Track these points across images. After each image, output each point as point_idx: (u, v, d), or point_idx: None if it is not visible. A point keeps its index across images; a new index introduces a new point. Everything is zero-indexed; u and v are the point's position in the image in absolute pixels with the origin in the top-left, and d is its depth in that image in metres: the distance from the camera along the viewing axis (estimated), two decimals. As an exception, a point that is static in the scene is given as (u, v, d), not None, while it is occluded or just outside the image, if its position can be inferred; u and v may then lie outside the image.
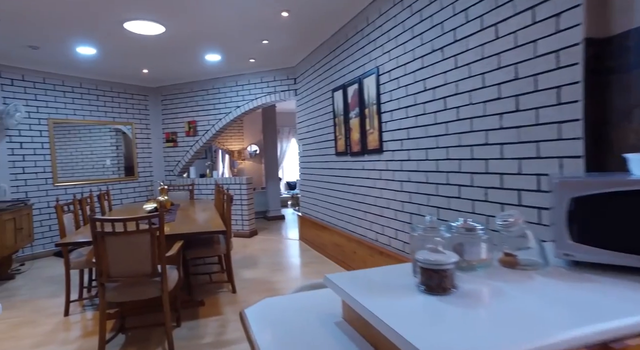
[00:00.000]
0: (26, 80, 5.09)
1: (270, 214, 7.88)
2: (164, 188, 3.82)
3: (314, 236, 5.15)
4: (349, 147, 3.95)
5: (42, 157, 5.20)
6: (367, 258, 3.65)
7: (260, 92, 5.91)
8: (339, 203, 4.32)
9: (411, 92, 2.86)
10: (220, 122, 6.22)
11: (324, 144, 4.68)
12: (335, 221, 4.48)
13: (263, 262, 4.60)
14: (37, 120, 5.17)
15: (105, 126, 6.07)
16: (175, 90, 6.54)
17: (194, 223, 3.27)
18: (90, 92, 5.76)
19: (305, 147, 5.42)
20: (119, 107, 6.14)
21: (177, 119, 6.56)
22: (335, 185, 4.39)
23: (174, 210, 4.07)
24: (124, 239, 2.35)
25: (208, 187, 6.30)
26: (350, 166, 3.99)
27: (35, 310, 3.29)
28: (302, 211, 5.70)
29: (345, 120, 4.01)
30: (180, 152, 6.55)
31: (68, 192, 5.43)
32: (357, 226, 3.92)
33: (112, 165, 6.26)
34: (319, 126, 4.83)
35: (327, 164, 4.59)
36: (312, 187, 5.19)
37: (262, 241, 5.82)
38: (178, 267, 2.77)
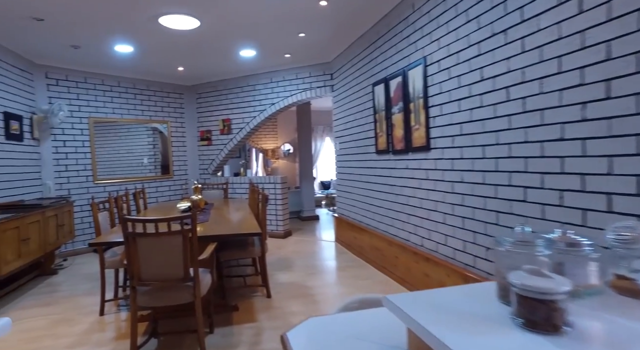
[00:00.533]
0: (69, 80, 5.19)
1: (304, 214, 7.72)
2: (198, 187, 3.73)
3: (351, 238, 4.92)
4: (391, 145, 3.68)
5: (83, 155, 5.29)
6: (411, 264, 3.38)
7: (295, 89, 5.75)
8: (379, 204, 4.07)
9: (465, 82, 2.57)
10: (255, 120, 6.11)
11: (363, 141, 4.44)
12: (374, 223, 4.23)
13: (298, 264, 4.43)
14: (78, 119, 5.26)
15: (143, 125, 6.12)
16: (210, 88, 6.50)
17: (228, 224, 3.13)
18: (128, 90, 5.82)
19: (342, 145, 5.20)
20: (155, 105, 6.18)
21: (211, 117, 6.53)
22: (375, 185, 4.14)
23: (207, 209, 3.97)
24: (155, 240, 2.22)
25: (242, 186, 6.21)
26: (392, 165, 3.73)
27: (73, 307, 3.28)
28: (339, 212, 5.49)
29: (387, 116, 3.76)
30: (215, 150, 6.51)
31: (107, 189, 5.50)
32: (399, 230, 3.65)
33: (149, 163, 6.32)
34: (357, 123, 4.59)
35: (367, 162, 4.34)
36: (350, 187, 4.96)
37: (297, 242, 5.65)
38: (211, 270, 2.63)
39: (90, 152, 5.38)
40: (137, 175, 6.01)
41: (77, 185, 5.22)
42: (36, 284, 3.98)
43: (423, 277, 3.19)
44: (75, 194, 5.18)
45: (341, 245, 5.31)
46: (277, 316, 2.95)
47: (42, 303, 3.42)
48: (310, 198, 7.77)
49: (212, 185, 5.62)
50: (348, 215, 5.08)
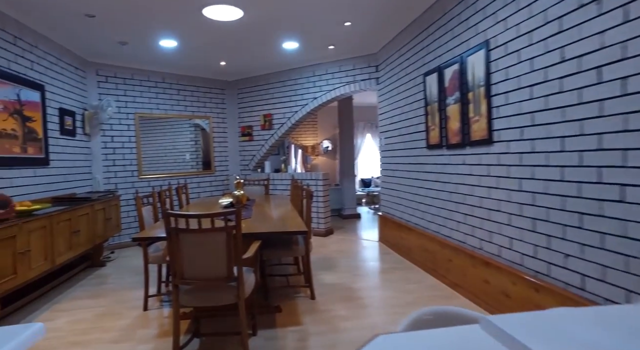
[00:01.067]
0: (117, 77, 5.30)
1: (345, 212, 7.52)
2: (240, 182, 3.63)
3: (397, 238, 4.66)
4: (445, 139, 3.39)
5: (129, 151, 5.40)
6: (467, 269, 3.09)
7: (338, 82, 5.55)
8: (430, 203, 3.78)
9: (540, 65, 2.25)
10: (296, 115, 5.98)
11: (412, 136, 4.16)
12: (424, 223, 3.95)
13: (342, 264, 4.24)
14: (125, 115, 5.37)
15: (185, 121, 6.18)
16: (252, 83, 6.45)
17: (272, 221, 2.99)
18: (172, 86, 5.88)
19: (387, 140, 4.94)
20: (198, 101, 6.21)
21: (253, 112, 6.48)
22: (426, 182, 3.86)
23: (249, 205, 3.87)
24: (198, 237, 2.11)
25: (283, 182, 6.11)
26: (445, 160, 3.44)
27: (119, 301, 3.28)
28: (383, 211, 5.24)
29: (440, 108, 3.47)
30: (256, 146, 6.45)
31: (151, 184, 5.58)
32: (453, 231, 3.36)
33: (191, 159, 6.38)
34: (405, 116, 4.31)
35: (416, 158, 4.06)
36: (396, 185, 4.70)
37: (339, 241, 5.47)
38: (255, 270, 2.50)
39: (136, 147, 5.47)
40: (180, 170, 6.08)
41: (123, 180, 5.33)
42: (86, 275, 4.07)
43: (482, 283, 2.89)
44: (122, 188, 5.29)
45: (386, 245, 5.06)
46: (323, 320, 2.78)
47: (91, 294, 3.47)
48: (351, 196, 7.56)
49: (253, 182, 5.55)
50: (394, 214, 4.82)
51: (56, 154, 4.13)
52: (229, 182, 6.56)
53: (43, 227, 3.07)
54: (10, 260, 2.68)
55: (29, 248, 2.85)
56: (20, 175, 3.51)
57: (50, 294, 3.50)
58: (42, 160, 3.83)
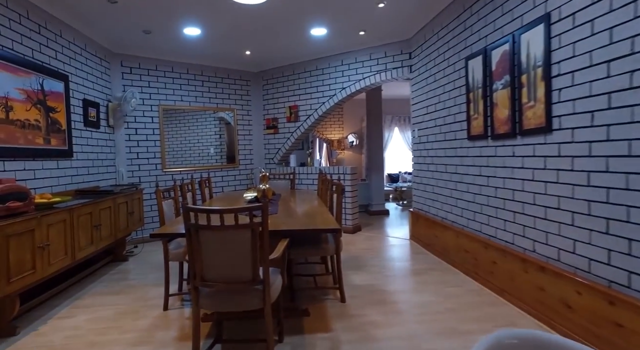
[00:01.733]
0: (142, 68, 5.19)
1: (372, 208, 7.22)
2: (265, 175, 3.42)
3: (431, 237, 4.34)
4: (491, 128, 3.05)
5: (152, 143, 5.30)
6: (516, 273, 2.75)
7: (368, 71, 5.25)
8: (470, 199, 3.45)
9: (621, 36, 1.90)
10: (323, 106, 5.72)
11: (450, 127, 3.83)
12: (463, 221, 3.62)
13: (372, 264, 3.97)
14: (149, 107, 5.26)
15: (210, 115, 6.05)
16: (277, 74, 6.23)
17: (300, 217, 2.76)
18: (196, 77, 5.73)
19: (421, 131, 4.61)
20: (222, 92, 6.04)
21: (278, 104, 6.26)
22: (466, 176, 3.52)
23: (275, 200, 3.66)
24: (220, 234, 1.90)
25: (309, 176, 5.88)
26: (490, 152, 3.10)
27: (139, 298, 3.14)
28: (415, 207, 4.92)
29: (484, 95, 3.12)
30: (281, 138, 6.24)
31: (175, 178, 5.47)
32: (499, 230, 3.02)
33: (215, 153, 6.25)
34: (443, 106, 3.97)
35: (455, 151, 3.73)
36: (430, 179, 4.37)
37: (368, 239, 5.19)
38: (282, 271, 2.27)
39: (160, 140, 5.37)
40: (204, 164, 5.95)
41: (147, 173, 5.23)
42: (108, 270, 3.98)
43: (535, 290, 2.56)
44: (145, 181, 5.20)
45: (418, 243, 4.74)
46: (355, 327, 2.52)
47: (112, 291, 3.35)
48: (379, 191, 7.25)
49: (279, 175, 5.34)
50: (427, 210, 4.49)
51: (80, 145, 4.04)
52: (253, 176, 6.39)
53: (63, 220, 2.95)
54: (29, 254, 2.56)
55: (48, 242, 2.73)
56: (43, 167, 3.42)
57: (72, 289, 3.40)
58: (66, 152, 3.74)
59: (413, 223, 4.97)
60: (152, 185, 5.25)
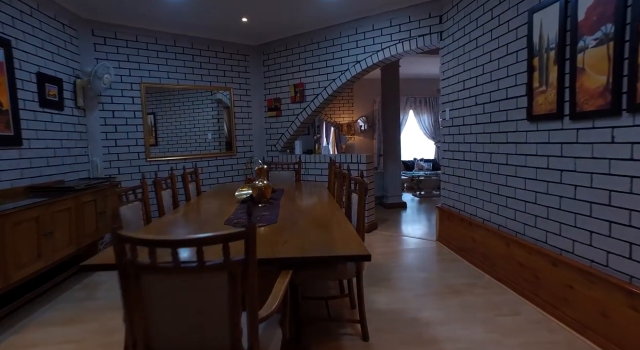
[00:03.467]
0: (118, 39, 4.36)
1: (388, 200, 6.42)
2: (262, 168, 2.63)
3: (466, 240, 3.55)
4: (571, 104, 2.21)
5: (134, 128, 4.51)
6: (611, 306, 1.96)
7: (388, 40, 4.37)
8: (529, 198, 2.64)
9: None
10: (334, 84, 4.87)
11: (499, 104, 2.99)
12: (516, 226, 2.81)
13: (396, 277, 3.20)
14: (128, 85, 4.45)
15: (207, 97, 5.26)
16: (280, 47, 5.37)
17: (309, 231, 1.97)
18: (185, 51, 4.90)
19: (454, 112, 3.76)
20: (216, 69, 5.21)
21: (281, 82, 5.42)
22: (522, 169, 2.70)
23: (276, 199, 2.88)
24: (176, 280, 1.12)
25: (316, 166, 5.08)
26: (567, 137, 2.27)
27: (97, 330, 2.40)
28: (444, 202, 4.12)
29: (560, 58, 2.27)
30: (285, 122, 5.43)
31: (161, 168, 4.70)
32: (581, 244, 2.22)
33: (213, 139, 5.48)
34: (489, 78, 3.12)
35: (505, 135, 2.90)
36: (467, 170, 3.55)
37: (386, 240, 4.42)
38: (283, 319, 1.50)
39: (143, 124, 4.57)
40: (201, 151, 5.20)
41: (128, 163, 4.46)
42: (72, 285, 3.24)
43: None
44: (126, 172, 4.44)
45: (447, 247, 3.96)
46: (389, 391, 1.77)
47: (65, 318, 2.60)
48: (395, 182, 6.44)
49: (281, 166, 4.55)
50: (461, 208, 3.69)
51: (34, 131, 3.26)
52: (252, 166, 5.60)
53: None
54: None
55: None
56: (-22, 158, 2.66)
57: (13, 316, 2.66)
58: (10, 139, 2.96)
59: (441, 222, 4.18)
60: (134, 177, 4.49)
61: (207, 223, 2.20)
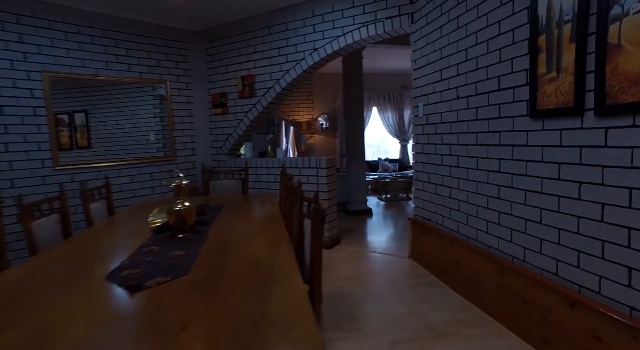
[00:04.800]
0: (4, 12, 3.39)
1: (352, 207, 5.80)
2: (182, 185, 1.87)
3: (447, 261, 2.97)
4: (597, 95, 1.63)
5: (35, 129, 3.56)
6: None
7: (350, 24, 3.72)
8: (533, 217, 2.07)
9: None
10: (288, 76, 4.16)
11: (489, 97, 2.40)
12: (514, 250, 2.24)
13: (369, 314, 2.55)
14: (24, 74, 3.49)
15: (147, 92, 4.45)
16: (225, 33, 4.58)
17: (235, 292, 1.26)
18: (106, 34, 3.99)
19: (430, 108, 3.17)
20: (149, 57, 4.33)
21: (227, 74, 4.64)
22: (524, 180, 2.12)
23: (205, 224, 2.13)
24: None
25: (270, 172, 4.35)
26: (588, 139, 1.70)
27: None
28: (418, 214, 3.53)
29: (580, 33, 1.70)
30: (232, 121, 4.65)
31: (75, 179, 3.78)
32: (606, 280, 1.66)
33: (157, 141, 4.63)
34: (474, 65, 2.54)
35: (499, 136, 2.32)
36: (447, 178, 2.97)
37: (351, 257, 3.77)
38: None
39: (48, 123, 3.63)
40: (139, 155, 4.36)
41: (27, 174, 3.51)
42: None
43: None
44: (25, 186, 3.48)
45: (424, 267, 3.37)
46: None
47: None
48: (360, 186, 5.83)
49: (225, 173, 3.78)
50: (439, 222, 3.11)
51: None
52: (197, 172, 4.78)
53: None
54: None
55: None
56: None
57: None
58: None
59: (415, 236, 3.60)
60: (36, 191, 3.54)
61: (79, 278, 1.43)
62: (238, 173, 3.68)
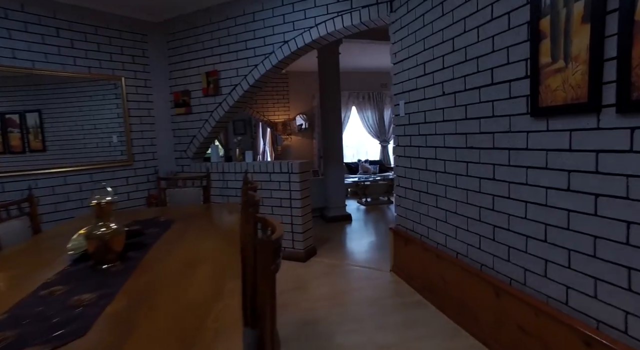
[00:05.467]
0: None
1: (330, 213, 5.44)
2: (102, 204, 1.46)
3: (433, 277, 2.64)
4: (619, 88, 1.31)
5: (-45, 131, 3.05)
6: None
7: (323, 13, 3.36)
8: (536, 233, 1.74)
9: None
10: (256, 71, 3.76)
11: (478, 93, 2.08)
12: (510, 270, 1.92)
13: (345, 344, 2.18)
14: (-58, 66, 2.98)
15: (108, 90, 4.02)
16: (187, 25, 4.15)
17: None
18: (42, 21, 3.49)
19: (411, 106, 2.84)
20: (99, 50, 3.85)
21: (190, 70, 4.20)
22: (523, 189, 1.80)
23: (141, 247, 1.73)
24: None
25: (239, 177, 3.95)
26: (607, 142, 1.38)
27: None
28: (400, 223, 3.19)
29: (596, 12, 1.38)
30: (196, 121, 4.21)
31: (6, 189, 3.28)
32: (633, 316, 1.34)
33: (120, 143, 4.16)
34: (459, 57, 2.21)
35: (493, 138, 1.99)
36: (430, 184, 2.64)
37: (328, 272, 3.41)
38: None
39: (-28, 124, 3.13)
40: (102, 160, 3.91)
41: (-56, 184, 3.00)
42: None
43: None
44: (-58, 198, 2.97)
45: (406, 282, 3.04)
46: None
47: None
48: (338, 190, 5.48)
49: (183, 182, 3.35)
50: (423, 233, 2.78)
51: None
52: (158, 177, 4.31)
53: None
54: None
55: None
56: None
57: None
58: None
59: (396, 248, 3.26)
60: (-42, 203, 3.02)
61: None
62: (199, 180, 3.26)
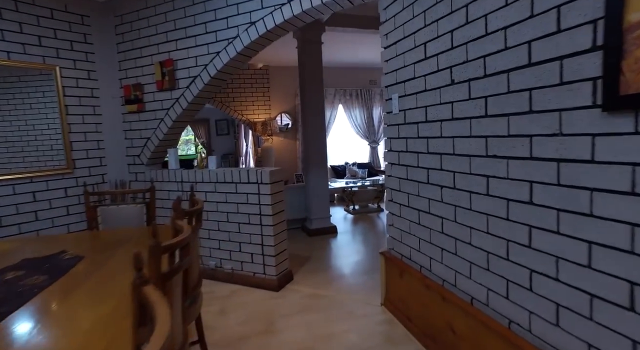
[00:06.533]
0: None
1: (312, 225, 4.79)
2: None
3: (436, 323, 2.01)
4: None
5: None
6: None
7: (296, -14, 2.71)
8: (611, 291, 1.12)
9: None
10: (219, 59, 3.09)
11: (507, 80, 1.44)
12: (555, 335, 1.29)
13: None
14: None
15: (49, 84, 3.28)
16: (138, 5, 3.46)
17: None
18: (-56, -6, 2.78)
19: (407, 101, 2.21)
20: (20, 31, 3.14)
21: (142, 59, 3.51)
22: (587, 222, 1.17)
23: (19, 295, 1.05)
24: None
25: (202, 187, 3.27)
26: None
27: None
28: (393, 246, 2.56)
29: None
30: (151, 120, 3.53)
31: None
32: None
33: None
34: (478, 30, 1.58)
35: (530, 143, 1.35)
36: (433, 202, 2.01)
37: (304, 308, 2.75)
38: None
39: None
40: (26, 168, 3.21)
41: None
42: None
43: None
44: None
45: (401, 323, 2.41)
46: None
47: None
48: (321, 198, 4.83)
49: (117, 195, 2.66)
50: (424, 264, 2.15)
51: None
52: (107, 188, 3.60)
53: None
54: None
55: None
56: None
57: None
58: None
59: (389, 278, 2.63)
60: None
61: None
62: (140, 195, 2.58)
